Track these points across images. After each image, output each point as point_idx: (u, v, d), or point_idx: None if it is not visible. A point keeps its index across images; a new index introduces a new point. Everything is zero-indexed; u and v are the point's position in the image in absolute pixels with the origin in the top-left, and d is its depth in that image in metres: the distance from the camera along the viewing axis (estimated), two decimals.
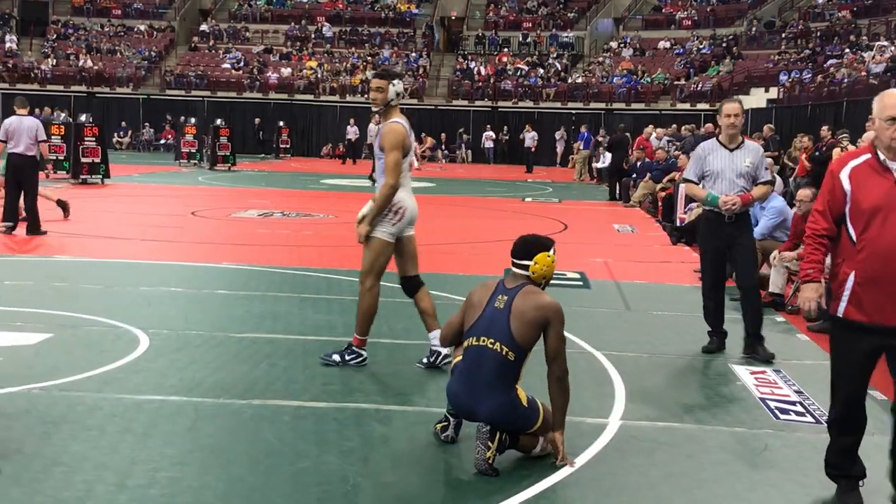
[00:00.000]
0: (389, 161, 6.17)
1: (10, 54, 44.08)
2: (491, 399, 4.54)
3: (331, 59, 44.83)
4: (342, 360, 6.42)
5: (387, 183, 6.17)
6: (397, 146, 6.17)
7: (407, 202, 6.32)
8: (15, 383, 5.69)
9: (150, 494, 4.14)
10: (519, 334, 4.61)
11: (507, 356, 4.59)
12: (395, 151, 6.16)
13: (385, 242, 6.31)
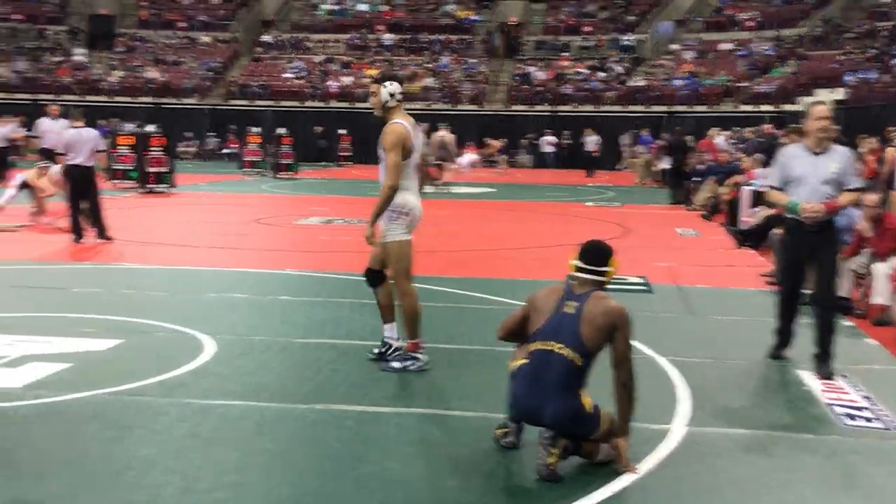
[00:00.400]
0: (389, 162, 6.21)
1: (79, 67, 45.14)
2: (556, 404, 4.53)
3: (390, 67, 45.10)
4: (403, 367, 6.45)
5: (385, 184, 6.22)
6: (397, 146, 6.19)
7: (412, 203, 6.39)
8: (86, 388, 5.82)
9: (215, 498, 4.20)
10: (588, 339, 4.59)
11: (575, 361, 4.57)
12: (394, 152, 6.19)
13: (403, 242, 6.41)
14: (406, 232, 6.42)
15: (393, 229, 6.38)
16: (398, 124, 6.29)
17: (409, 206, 6.37)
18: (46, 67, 44.85)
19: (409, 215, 6.38)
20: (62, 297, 8.97)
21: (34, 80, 43.52)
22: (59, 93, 42.50)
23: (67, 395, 5.69)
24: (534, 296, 4.89)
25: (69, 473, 4.44)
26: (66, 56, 46.04)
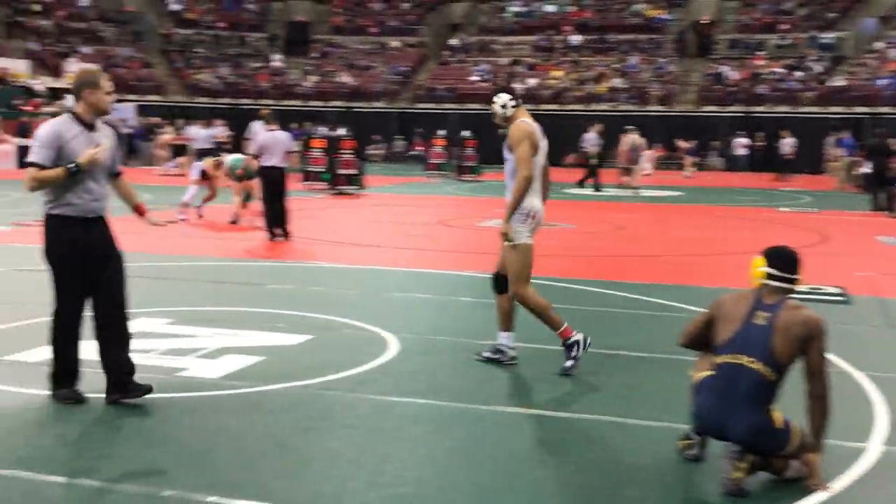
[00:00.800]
0: (519, 154, 6.24)
1: (276, 73, 47.24)
2: (744, 419, 4.37)
3: (576, 68, 44.84)
4: (574, 359, 6.38)
5: (521, 174, 6.23)
6: (523, 139, 6.25)
7: (537, 206, 6.40)
8: (278, 381, 6.09)
9: (399, 493, 4.30)
10: (781, 352, 4.40)
11: (767, 376, 4.40)
12: (522, 145, 6.24)
13: (526, 246, 6.39)
14: (529, 236, 6.41)
15: (518, 231, 6.38)
16: (522, 121, 6.39)
17: (534, 208, 6.37)
18: (246, 73, 47.17)
19: (533, 218, 6.38)
20: (257, 293, 9.41)
21: (235, 86, 45.89)
22: (257, 97, 44.64)
23: (262, 386, 5.96)
24: (719, 302, 4.71)
25: (262, 462, 4.64)
26: (264, 62, 48.28)
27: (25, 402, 5.58)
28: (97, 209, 5.49)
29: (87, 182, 5.40)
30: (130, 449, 4.78)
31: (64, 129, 5.39)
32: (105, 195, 5.57)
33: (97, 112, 5.49)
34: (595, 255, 12.91)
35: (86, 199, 5.43)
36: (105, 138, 5.54)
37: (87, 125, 5.45)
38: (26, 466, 4.47)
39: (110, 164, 5.61)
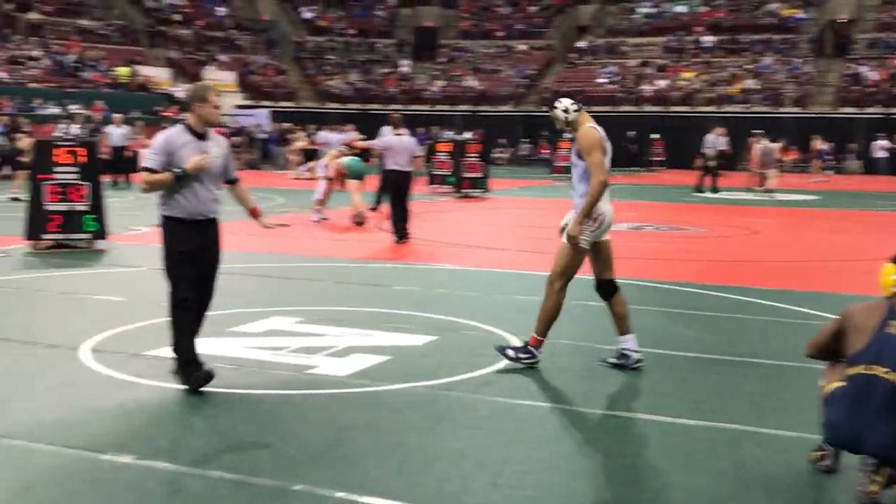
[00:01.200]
0: (592, 161, 6.34)
1: (404, 78, 47.87)
2: (880, 432, 4.19)
3: (707, 69, 43.88)
4: (516, 356, 6.54)
5: (597, 179, 6.33)
6: (594, 147, 6.35)
7: (604, 208, 6.47)
8: (403, 380, 6.18)
9: (521, 495, 4.30)
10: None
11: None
12: (594, 152, 6.35)
13: (581, 249, 6.48)
14: (587, 239, 6.49)
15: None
16: (591, 128, 6.48)
17: (602, 211, 6.46)
18: (375, 78, 47.96)
19: (597, 220, 6.47)
20: (384, 294, 9.56)
21: (364, 91, 46.70)
22: (386, 102, 45.31)
23: (387, 385, 6.05)
24: (849, 312, 4.53)
25: (387, 459, 4.72)
26: (393, 67, 48.99)
27: (164, 395, 5.82)
28: (204, 212, 5.92)
29: (194, 187, 5.82)
30: (262, 443, 4.93)
31: (175, 137, 5.85)
32: (212, 200, 5.96)
33: (206, 123, 5.93)
34: (726, 260, 12.61)
35: (193, 202, 5.86)
36: (216, 147, 5.94)
37: (197, 135, 5.89)
38: (165, 457, 4.67)
39: (219, 170, 6.00)
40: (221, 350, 6.89)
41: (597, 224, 6.49)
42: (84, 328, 7.52)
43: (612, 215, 6.59)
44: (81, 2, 44.48)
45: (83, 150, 12.35)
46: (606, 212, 6.52)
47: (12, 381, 6.00)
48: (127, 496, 4.19)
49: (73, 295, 9.11)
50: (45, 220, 12.06)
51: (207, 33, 47.75)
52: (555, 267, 6.59)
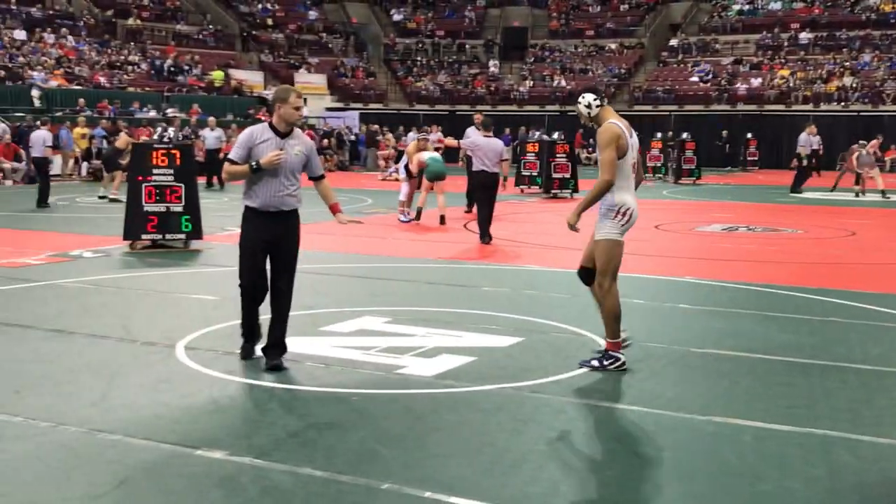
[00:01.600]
0: (604, 158, 6.37)
1: (493, 78, 47.88)
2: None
3: (804, 67, 42.81)
4: (600, 364, 6.46)
5: (602, 177, 6.36)
6: (610, 144, 6.34)
7: (631, 203, 6.48)
8: (490, 381, 6.17)
9: (611, 499, 4.25)
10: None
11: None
12: (608, 149, 6.33)
13: (616, 242, 6.49)
14: (620, 233, 6.51)
15: (607, 227, 6.49)
16: (611, 124, 6.44)
17: (628, 205, 6.45)
18: (464, 79, 48.07)
19: (625, 215, 6.46)
20: (471, 295, 9.57)
21: (452, 92, 46.86)
22: (474, 103, 45.37)
23: (474, 386, 6.06)
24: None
25: (474, 460, 4.72)
26: (481, 68, 49.03)
27: (255, 392, 5.93)
28: (278, 205, 6.34)
29: (270, 180, 6.29)
30: (351, 441, 4.97)
31: (257, 134, 6.38)
32: (288, 194, 6.35)
33: (287, 123, 6.37)
34: (823, 262, 12.28)
35: (269, 195, 6.31)
36: (297, 146, 6.39)
37: (279, 133, 6.37)
38: (256, 453, 4.75)
39: (298, 167, 6.41)
40: (312, 349, 6.99)
41: (626, 218, 6.52)
42: (179, 326, 7.71)
43: (638, 211, 6.60)
44: (177, 7, 45.67)
45: (179, 152, 12.66)
46: (634, 207, 6.54)
47: (110, 376, 6.19)
48: (218, 491, 4.28)
49: (168, 294, 9.35)
50: (144, 221, 12.41)
51: (298, 37, 48.53)
52: (599, 268, 6.56)
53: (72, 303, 8.75)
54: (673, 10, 50.52)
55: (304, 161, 6.46)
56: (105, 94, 32.71)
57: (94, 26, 39.90)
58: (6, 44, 33.64)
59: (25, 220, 16.25)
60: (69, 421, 5.23)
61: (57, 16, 38.82)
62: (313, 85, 44.14)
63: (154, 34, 42.58)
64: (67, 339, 7.25)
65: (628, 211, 6.50)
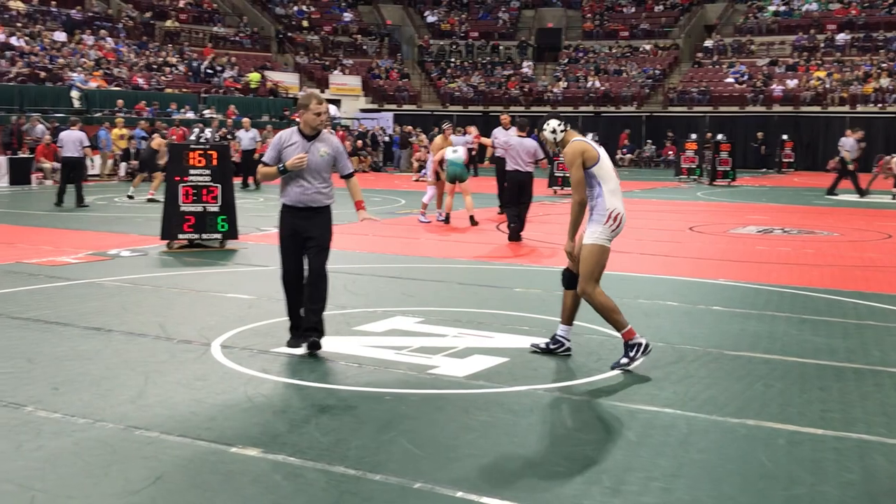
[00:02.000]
0: (573, 179, 6.58)
1: (526, 79, 47.82)
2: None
3: (840, 68, 42.35)
4: (630, 359, 6.51)
5: (573, 199, 6.61)
6: (575, 161, 6.55)
7: (621, 209, 6.62)
8: (522, 383, 6.18)
9: (642, 502, 4.25)
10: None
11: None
12: (573, 168, 6.56)
13: (602, 248, 6.58)
14: (608, 238, 6.59)
15: (597, 232, 6.58)
16: (574, 143, 6.68)
17: (618, 210, 6.59)
18: (497, 80, 48.05)
19: (616, 220, 6.58)
20: (504, 296, 9.58)
21: (486, 93, 46.85)
22: (507, 105, 45.36)
23: (506, 387, 6.07)
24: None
25: (505, 461, 4.74)
26: (515, 69, 48.98)
27: (289, 391, 5.99)
28: (307, 202, 6.87)
29: (299, 180, 6.84)
30: (383, 440, 5.01)
31: (286, 137, 6.94)
32: (316, 192, 6.86)
33: (311, 127, 6.89)
34: (859, 266, 12.15)
35: (298, 193, 6.86)
36: (323, 148, 6.89)
37: (305, 136, 6.91)
38: (290, 451, 4.80)
39: (324, 167, 6.90)
40: (345, 348, 7.04)
41: (616, 223, 6.60)
42: (214, 324, 7.80)
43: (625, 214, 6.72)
44: (215, 10, 46.05)
45: (216, 153, 12.78)
46: (622, 210, 6.66)
47: (147, 374, 6.27)
48: (253, 488, 4.33)
49: (204, 293, 9.45)
50: (181, 221, 12.54)
51: (333, 38, 48.76)
52: (583, 273, 6.62)
53: (110, 301, 8.87)
54: (708, 11, 50.19)
55: (332, 161, 6.93)
56: (143, 95, 33.06)
57: (132, 28, 40.36)
58: (46, 45, 34.10)
59: (64, 220, 16.47)
60: (106, 417, 5.31)
61: (96, 18, 39.30)
62: (348, 86, 44.36)
63: (191, 36, 42.98)
64: (105, 337, 7.35)
65: (619, 216, 6.62)
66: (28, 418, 5.30)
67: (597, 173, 6.58)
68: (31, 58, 32.22)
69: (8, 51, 32.08)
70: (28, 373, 6.27)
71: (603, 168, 6.61)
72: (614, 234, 6.63)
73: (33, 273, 10.41)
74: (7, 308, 8.43)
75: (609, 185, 6.61)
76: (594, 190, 6.61)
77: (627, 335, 6.56)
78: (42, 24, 36.12)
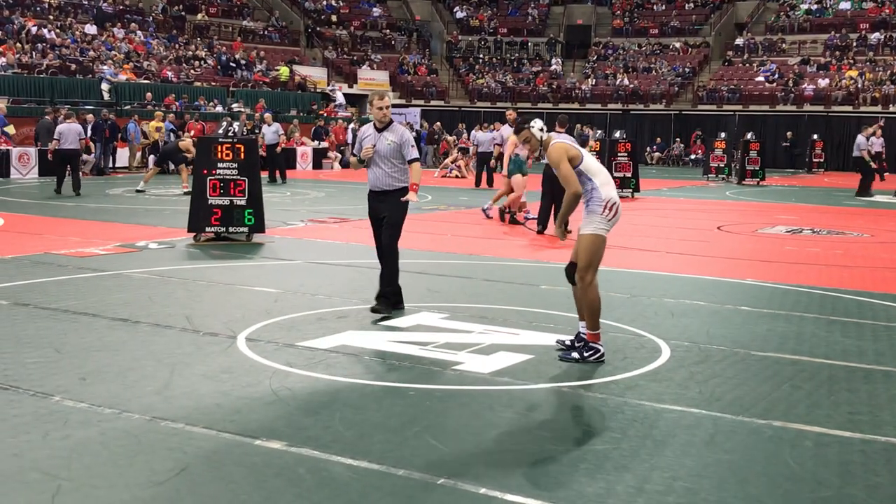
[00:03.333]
0: (563, 175, 6.67)
1: (555, 76, 47.67)
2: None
3: (873, 68, 41.90)
4: (581, 357, 6.62)
5: (568, 191, 6.67)
6: (562, 158, 6.64)
7: (616, 198, 6.72)
8: (547, 380, 6.16)
9: (667, 501, 4.22)
10: None
11: None
12: (561, 165, 6.64)
13: (601, 238, 6.64)
14: (606, 228, 6.65)
15: (595, 222, 6.64)
16: (555, 143, 6.76)
17: (614, 199, 6.67)
18: (525, 77, 47.94)
19: (612, 209, 6.64)
20: (530, 293, 9.55)
21: (514, 90, 46.74)
22: (535, 101, 45.25)
23: (530, 385, 6.06)
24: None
25: (529, 458, 4.72)
26: (543, 66, 48.85)
27: (314, 384, 6.00)
28: (380, 186, 8.12)
29: (373, 167, 8.12)
30: (407, 435, 5.01)
31: (363, 131, 8.32)
32: (387, 175, 8.06)
33: (378, 120, 8.11)
34: (888, 267, 12.01)
35: (373, 178, 8.17)
36: (390, 137, 8.05)
37: (377, 129, 8.17)
38: (314, 445, 4.81)
39: (392, 154, 8.03)
40: (371, 343, 7.05)
41: (613, 213, 6.66)
42: (240, 317, 7.83)
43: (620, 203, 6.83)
44: (244, 4, 46.23)
45: (243, 146, 12.84)
46: (618, 199, 6.74)
47: (173, 366, 6.30)
48: (277, 481, 4.34)
49: (231, 286, 9.49)
50: (208, 214, 12.61)
51: (362, 33, 48.83)
52: (581, 263, 6.65)
53: (137, 293, 8.93)
54: (739, 9, 49.83)
55: (398, 149, 8.04)
56: (172, 88, 33.27)
57: (162, 21, 40.61)
58: (77, 38, 34.38)
59: (93, 212, 16.60)
60: (132, 408, 5.35)
61: (127, 11, 39.58)
62: (376, 81, 44.40)
63: (221, 30, 43.18)
64: (132, 328, 7.40)
65: (615, 206, 6.67)
66: (55, 408, 5.34)
67: (585, 170, 6.69)
68: (62, 50, 32.50)
69: (39, 43, 32.38)
70: (56, 363, 6.32)
71: (588, 164, 6.72)
72: (612, 223, 6.69)
73: (62, 264, 10.49)
74: (35, 298, 8.50)
75: (600, 178, 6.70)
76: (587, 185, 6.70)
77: (594, 338, 6.66)
78: (73, 16, 36.44)
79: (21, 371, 6.08)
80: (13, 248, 11.67)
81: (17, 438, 4.82)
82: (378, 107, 7.99)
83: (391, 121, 8.18)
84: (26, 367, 6.18)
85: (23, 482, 4.25)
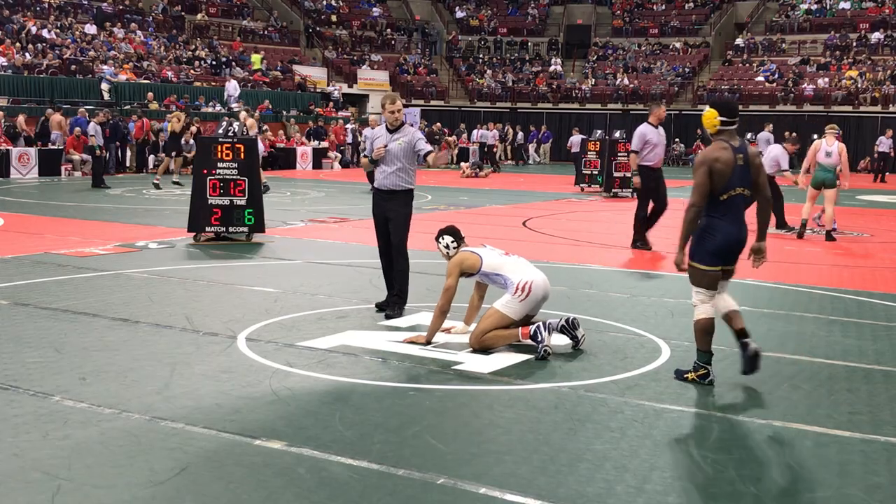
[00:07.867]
0: (448, 281, 7.05)
1: (554, 76, 47.66)
2: None
3: (873, 68, 41.90)
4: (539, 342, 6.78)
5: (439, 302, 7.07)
6: (450, 273, 7.08)
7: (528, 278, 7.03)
8: (547, 380, 6.17)
9: (667, 501, 4.22)
10: None
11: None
12: (455, 275, 7.08)
13: (507, 318, 6.90)
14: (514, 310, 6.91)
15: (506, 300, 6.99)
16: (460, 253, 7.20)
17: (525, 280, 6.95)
18: (525, 77, 47.93)
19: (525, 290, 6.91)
20: None
21: (514, 90, 46.74)
22: (535, 101, 45.24)
23: (530, 384, 6.06)
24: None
25: (529, 458, 4.72)
26: (543, 66, 48.84)
27: (314, 385, 6.00)
28: (386, 185, 8.20)
29: (381, 166, 8.22)
30: (407, 435, 5.01)
31: (376, 132, 8.44)
32: (393, 175, 8.14)
33: (390, 122, 8.24)
34: (888, 267, 12.02)
35: (379, 177, 8.25)
36: (401, 138, 8.19)
37: (388, 130, 8.30)
38: (313, 445, 4.81)
39: (403, 154, 8.15)
40: (371, 343, 7.05)
41: (525, 293, 6.91)
42: (240, 317, 7.83)
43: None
44: (244, 4, 46.23)
45: (243, 146, 12.84)
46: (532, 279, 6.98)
47: (173, 365, 6.30)
48: (276, 481, 4.34)
49: (231, 286, 9.49)
50: (208, 214, 12.61)
51: (362, 33, 48.82)
52: (479, 327, 6.93)
53: (137, 292, 8.93)
54: (739, 9, 49.83)
55: (409, 149, 8.15)
56: (172, 88, 33.26)
57: (162, 21, 40.60)
58: (77, 38, 34.37)
59: (93, 212, 16.60)
60: (132, 408, 5.35)
61: (126, 11, 39.56)
62: (376, 81, 44.40)
63: (221, 30, 43.17)
64: (132, 328, 7.40)
65: (527, 285, 6.91)
66: (55, 408, 5.34)
67: (489, 270, 7.00)
68: (62, 50, 32.50)
69: (39, 43, 32.37)
70: (56, 362, 6.33)
71: (490, 263, 7.01)
72: (522, 304, 6.90)
73: (62, 263, 10.50)
74: (35, 298, 8.51)
75: (506, 268, 7.00)
76: (497, 280, 7.01)
77: (525, 335, 6.86)
78: (73, 16, 36.42)
79: (21, 371, 6.09)
80: (13, 248, 11.68)
81: (17, 438, 4.82)
82: (390, 110, 8.14)
83: (403, 123, 8.30)
84: (26, 367, 6.18)
85: (23, 482, 4.25)
